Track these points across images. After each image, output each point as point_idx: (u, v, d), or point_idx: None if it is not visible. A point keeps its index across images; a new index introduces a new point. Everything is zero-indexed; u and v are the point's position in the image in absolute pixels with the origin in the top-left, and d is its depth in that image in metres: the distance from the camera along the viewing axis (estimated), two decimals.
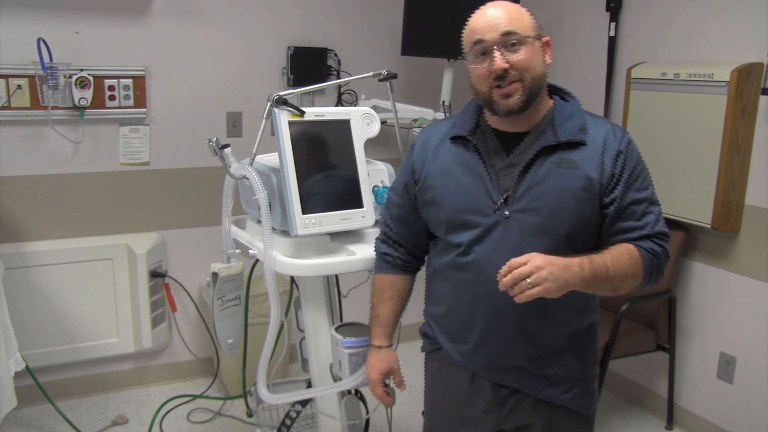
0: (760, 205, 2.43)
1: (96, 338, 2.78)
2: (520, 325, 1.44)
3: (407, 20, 2.93)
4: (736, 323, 2.56)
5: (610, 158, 1.39)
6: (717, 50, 2.51)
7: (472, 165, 1.44)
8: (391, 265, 1.63)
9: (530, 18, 1.40)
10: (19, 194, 2.64)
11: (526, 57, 1.36)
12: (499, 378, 1.50)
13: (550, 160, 1.39)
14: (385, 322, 1.64)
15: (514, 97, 1.37)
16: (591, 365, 1.54)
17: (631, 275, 1.37)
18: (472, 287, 1.45)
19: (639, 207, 1.40)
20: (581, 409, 1.52)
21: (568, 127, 1.41)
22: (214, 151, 1.63)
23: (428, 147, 1.53)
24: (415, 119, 2.90)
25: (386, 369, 1.65)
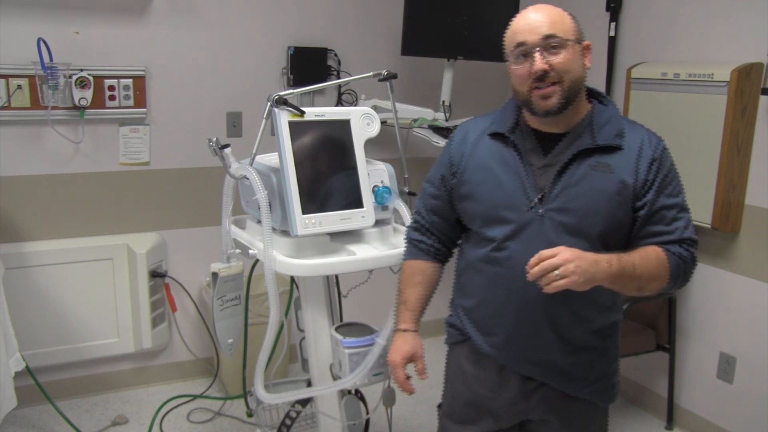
0: (760, 205, 2.43)
1: (96, 338, 2.78)
2: (551, 320, 1.47)
3: (407, 20, 2.93)
4: (736, 323, 2.56)
5: (645, 164, 1.43)
6: (717, 50, 2.51)
7: (510, 162, 1.48)
8: (422, 251, 1.65)
9: (571, 22, 1.44)
10: (19, 194, 2.64)
11: (565, 60, 1.40)
12: (527, 370, 1.53)
13: (587, 162, 1.43)
14: (413, 306, 1.64)
15: (553, 98, 1.40)
16: (612, 360, 1.58)
17: (658, 277, 1.41)
18: (505, 282, 1.49)
19: (669, 212, 1.43)
20: (602, 401, 1.58)
21: (605, 132, 1.45)
22: (214, 151, 1.63)
23: (467, 141, 1.57)
24: (415, 119, 2.90)
25: (410, 353, 1.62)
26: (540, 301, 1.44)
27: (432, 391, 3.05)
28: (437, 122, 2.94)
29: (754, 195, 2.45)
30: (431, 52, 3.00)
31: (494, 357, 1.56)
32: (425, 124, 2.92)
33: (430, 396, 3.02)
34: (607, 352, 1.56)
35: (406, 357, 1.61)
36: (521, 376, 1.54)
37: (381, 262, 1.70)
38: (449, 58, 3.00)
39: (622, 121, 1.48)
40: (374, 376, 1.74)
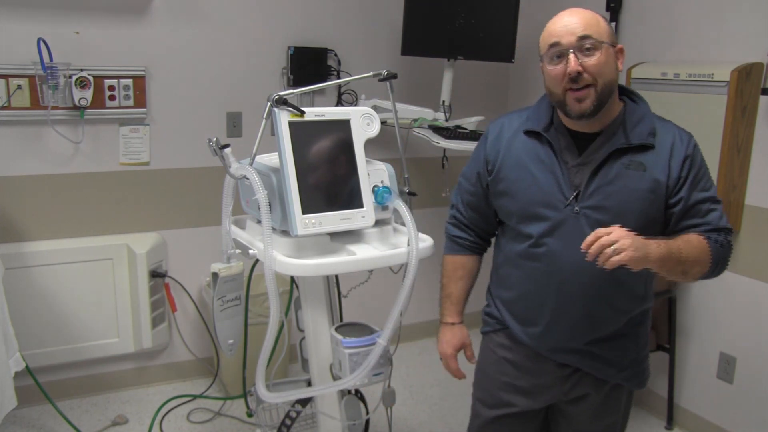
0: (760, 205, 2.43)
1: (96, 338, 2.78)
2: (587, 312, 1.55)
3: (407, 20, 2.93)
4: (736, 323, 2.56)
5: (678, 162, 1.47)
6: (717, 50, 2.51)
7: (546, 160, 1.53)
8: (462, 247, 1.75)
9: (606, 25, 1.48)
10: (19, 194, 2.64)
11: (599, 62, 1.43)
12: (563, 358, 1.62)
13: (621, 161, 1.48)
14: (457, 300, 1.75)
15: (587, 101, 1.44)
16: (643, 347, 1.66)
17: (700, 261, 1.45)
18: (543, 277, 1.56)
19: (703, 206, 1.49)
20: (634, 387, 1.68)
21: (638, 131, 1.49)
22: (214, 151, 1.63)
23: (502, 138, 1.62)
24: (415, 119, 2.90)
25: (460, 344, 1.74)
26: (579, 295, 1.53)
27: (432, 391, 3.06)
28: (437, 122, 2.94)
29: (754, 195, 2.45)
30: (431, 52, 3.00)
31: (532, 346, 1.65)
32: (425, 124, 2.92)
33: (429, 396, 3.03)
34: (638, 338, 1.63)
35: (456, 348, 1.75)
36: (557, 363, 1.63)
37: (381, 262, 1.70)
38: (449, 58, 3.00)
39: (653, 119, 1.53)
40: (374, 376, 1.74)
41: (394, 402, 1.91)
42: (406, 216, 1.66)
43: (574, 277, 1.52)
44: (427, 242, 1.70)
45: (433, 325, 3.61)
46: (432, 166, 3.36)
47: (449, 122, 2.98)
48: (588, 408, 1.67)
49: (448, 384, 3.15)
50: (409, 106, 2.92)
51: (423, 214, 3.35)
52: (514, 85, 3.57)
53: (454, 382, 3.12)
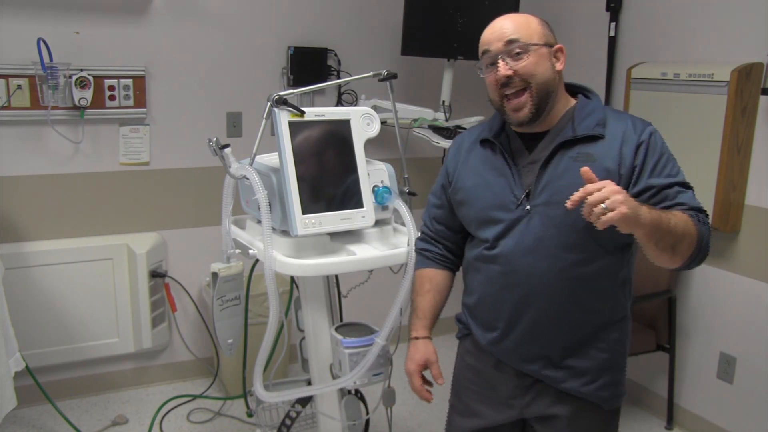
0: (760, 205, 2.43)
1: (96, 338, 2.78)
2: (546, 313, 1.48)
3: (407, 20, 2.93)
4: (736, 323, 2.56)
5: (630, 149, 1.42)
6: (717, 50, 2.51)
7: (498, 165, 1.52)
8: (429, 260, 1.69)
9: (539, 27, 1.45)
10: (19, 194, 2.64)
11: (529, 64, 1.42)
12: (522, 366, 1.54)
13: (569, 155, 1.44)
14: (423, 314, 1.67)
15: (524, 110, 1.44)
16: (617, 359, 1.55)
17: (688, 234, 1.36)
18: (499, 278, 1.51)
19: (671, 190, 1.41)
20: (603, 402, 1.53)
21: (586, 123, 1.46)
22: (214, 151, 1.63)
23: (461, 151, 1.61)
24: (415, 119, 2.90)
25: (423, 360, 1.64)
26: (534, 295, 1.46)
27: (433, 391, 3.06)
28: (437, 122, 2.94)
29: (754, 195, 2.45)
30: (431, 52, 3.00)
31: (492, 353, 1.58)
32: (425, 124, 2.92)
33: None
34: (612, 348, 1.53)
35: (420, 364, 1.63)
36: (517, 372, 1.55)
37: (381, 262, 1.70)
38: (449, 58, 3.00)
39: (605, 111, 1.49)
40: (374, 376, 1.74)
41: (394, 402, 1.91)
42: (406, 216, 1.66)
43: (530, 277, 1.47)
44: None
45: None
46: (432, 166, 3.36)
47: (449, 122, 2.98)
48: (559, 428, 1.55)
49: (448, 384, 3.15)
50: (409, 106, 2.92)
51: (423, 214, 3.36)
52: None
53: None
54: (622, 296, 1.54)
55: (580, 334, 1.50)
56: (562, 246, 1.44)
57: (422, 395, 1.64)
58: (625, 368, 1.59)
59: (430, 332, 1.66)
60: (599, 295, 1.49)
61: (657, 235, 1.30)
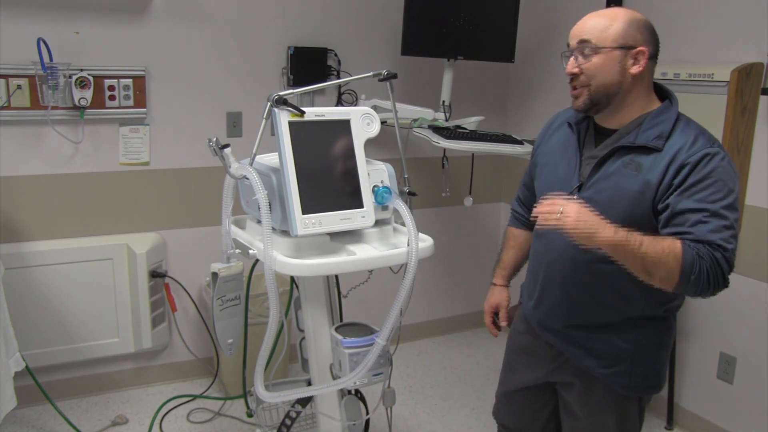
0: (760, 205, 2.43)
1: (96, 338, 2.78)
2: (567, 295, 1.65)
3: (407, 20, 2.93)
4: (736, 323, 2.56)
5: (675, 167, 1.46)
6: (717, 50, 2.51)
7: (570, 150, 1.66)
8: (517, 220, 1.95)
9: (620, 28, 1.50)
10: (19, 194, 2.64)
11: (593, 65, 1.51)
12: (546, 336, 1.74)
13: (623, 159, 1.53)
14: (504, 266, 1.94)
15: (579, 99, 1.57)
16: (644, 351, 1.63)
17: (665, 262, 1.38)
18: (540, 254, 1.73)
19: (694, 216, 1.42)
20: (620, 388, 1.65)
21: (649, 133, 1.51)
22: (214, 151, 1.63)
23: (551, 128, 1.78)
24: (415, 119, 2.90)
25: (496, 303, 1.92)
26: (559, 277, 1.64)
27: (432, 391, 3.07)
28: (437, 122, 2.94)
29: (754, 195, 2.45)
30: (431, 52, 3.00)
31: (528, 318, 1.80)
32: (425, 124, 2.92)
33: (429, 396, 3.03)
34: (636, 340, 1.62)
35: (493, 306, 1.92)
36: (545, 341, 1.75)
37: (381, 262, 1.70)
38: (449, 58, 3.00)
39: (675, 123, 1.52)
40: (374, 376, 1.74)
41: (394, 402, 1.91)
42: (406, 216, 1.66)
43: (559, 260, 1.64)
44: (427, 242, 1.70)
45: (433, 325, 3.62)
46: (432, 166, 3.36)
47: (449, 122, 2.98)
48: (576, 398, 1.72)
49: (448, 384, 3.15)
50: (409, 106, 2.92)
51: (423, 214, 3.36)
52: (514, 85, 3.57)
53: (453, 383, 3.14)
54: (652, 298, 1.58)
55: (598, 322, 1.63)
56: None
57: (490, 330, 1.94)
58: (657, 365, 1.66)
59: (507, 281, 1.94)
60: (617, 292, 1.58)
61: (621, 254, 1.40)
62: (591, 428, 1.71)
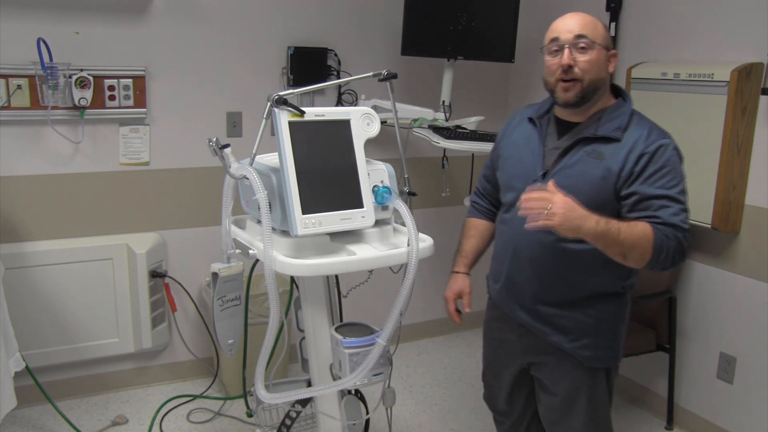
0: (760, 205, 2.43)
1: (96, 338, 2.78)
2: (536, 274, 1.75)
3: (407, 20, 2.93)
4: (736, 323, 2.56)
5: (634, 157, 1.61)
6: (717, 50, 2.51)
7: (532, 143, 1.78)
8: (477, 210, 2.03)
9: (603, 30, 1.67)
10: (19, 194, 2.64)
11: (590, 59, 1.63)
12: (518, 316, 1.83)
13: (585, 149, 1.67)
14: (465, 254, 2.00)
15: (571, 92, 1.65)
16: (605, 327, 1.78)
17: (640, 246, 1.55)
18: (506, 238, 1.83)
19: (657, 201, 1.59)
20: (585, 360, 1.78)
21: (609, 125, 1.67)
22: (214, 151, 1.63)
23: (512, 124, 1.89)
24: (415, 119, 2.90)
25: (458, 290, 1.96)
26: (528, 258, 1.75)
27: (432, 391, 3.07)
28: (437, 122, 2.94)
29: (754, 195, 2.45)
30: (431, 52, 3.00)
31: (496, 301, 1.92)
32: (425, 124, 2.92)
33: (430, 396, 3.03)
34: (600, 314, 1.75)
35: (455, 293, 1.97)
36: (516, 322, 1.85)
37: (381, 262, 1.70)
38: (449, 58, 3.00)
39: (629, 117, 1.68)
40: (374, 376, 1.74)
41: (394, 402, 1.91)
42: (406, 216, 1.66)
43: (526, 241, 1.74)
44: (427, 242, 1.70)
45: (433, 325, 3.62)
46: (432, 166, 3.36)
47: (449, 122, 2.98)
48: (549, 375, 1.83)
49: (448, 384, 3.15)
50: (409, 106, 2.92)
51: (423, 214, 3.36)
52: (514, 85, 3.57)
53: (453, 383, 3.14)
54: (613, 275, 1.73)
55: (565, 299, 1.75)
56: None
57: (453, 318, 1.98)
58: (617, 338, 1.81)
59: (468, 269, 1.99)
60: (585, 270, 1.71)
61: (602, 242, 1.54)
62: (564, 401, 1.83)
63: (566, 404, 1.83)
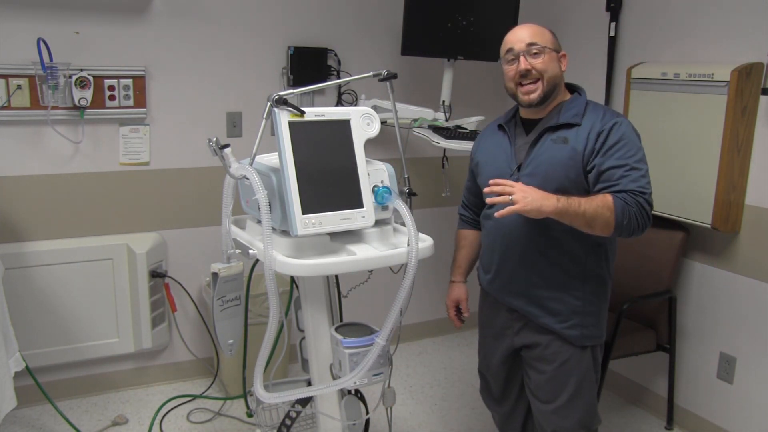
0: (760, 205, 2.43)
1: (96, 338, 2.78)
2: (524, 260, 1.90)
3: (407, 20, 2.93)
4: (736, 323, 2.56)
5: (594, 135, 1.80)
6: (717, 50, 2.51)
7: (503, 144, 1.97)
8: (465, 222, 2.21)
9: (550, 36, 1.88)
10: (19, 194, 2.64)
11: (543, 62, 1.84)
12: (508, 301, 1.98)
13: (551, 137, 1.85)
14: (459, 264, 2.18)
15: (534, 93, 1.85)
16: (589, 308, 1.92)
17: (601, 215, 1.70)
18: (492, 231, 1.97)
19: (617, 171, 1.75)
20: (574, 339, 1.91)
21: (568, 113, 1.86)
22: (214, 151, 1.63)
23: (484, 135, 2.08)
24: (415, 119, 2.90)
25: (456, 298, 2.16)
26: (516, 245, 1.89)
27: (432, 391, 3.07)
28: (437, 122, 2.94)
29: (754, 195, 2.45)
30: (431, 52, 3.00)
31: (488, 291, 2.06)
32: (425, 124, 2.92)
33: (430, 396, 3.03)
34: (584, 294, 1.90)
35: (454, 301, 2.17)
36: (507, 308, 1.99)
37: (381, 262, 1.70)
38: (449, 58, 3.00)
39: (586, 105, 1.87)
40: (374, 376, 1.74)
41: (394, 402, 1.91)
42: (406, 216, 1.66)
43: (512, 231, 1.89)
44: (427, 242, 1.70)
45: (433, 325, 3.62)
46: (432, 166, 3.36)
47: (449, 122, 2.98)
48: (539, 355, 1.95)
49: (448, 384, 3.15)
50: (409, 106, 2.92)
51: (423, 214, 3.36)
52: None
53: (453, 383, 3.14)
54: (595, 257, 1.89)
55: (553, 282, 1.89)
56: None
57: (454, 322, 2.19)
58: (600, 317, 1.95)
59: (464, 278, 2.17)
60: (568, 253, 1.87)
61: (567, 217, 1.69)
62: (553, 378, 1.94)
63: (555, 381, 1.94)
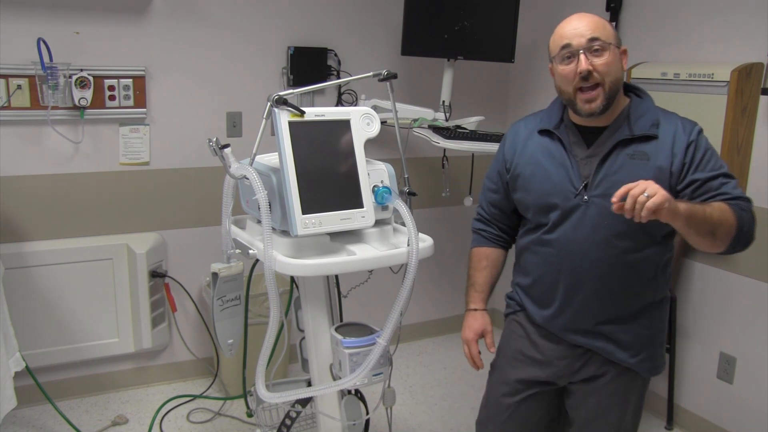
0: (760, 205, 2.43)
1: (96, 338, 2.78)
2: (597, 293, 1.66)
3: (407, 20, 2.93)
4: (736, 323, 2.56)
5: (681, 148, 1.56)
6: (717, 50, 2.51)
7: (557, 155, 1.67)
8: (486, 239, 1.89)
9: (611, 28, 1.61)
10: (19, 194, 2.64)
11: (607, 61, 1.55)
12: (575, 339, 1.72)
13: (625, 152, 1.59)
14: (481, 288, 1.86)
15: (596, 101, 1.57)
16: (657, 332, 1.74)
17: (726, 220, 1.49)
18: (555, 260, 1.69)
19: (715, 182, 1.55)
20: (644, 372, 1.73)
21: (642, 123, 1.60)
22: (214, 151, 1.63)
23: (518, 139, 1.77)
24: (415, 119, 2.90)
25: (481, 329, 1.83)
26: (589, 276, 1.64)
27: (432, 391, 3.07)
28: (437, 122, 2.94)
29: (754, 195, 2.45)
30: (431, 52, 3.00)
31: (547, 327, 1.76)
32: (425, 124, 2.92)
33: (430, 396, 3.03)
34: (653, 323, 1.71)
35: (477, 333, 1.83)
36: (569, 344, 1.74)
37: (381, 262, 1.70)
38: (449, 58, 3.00)
39: (657, 112, 1.63)
40: (374, 376, 1.74)
41: (394, 402, 1.91)
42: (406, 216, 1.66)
43: (584, 260, 1.63)
44: (427, 242, 1.70)
45: (433, 325, 3.62)
46: (432, 166, 3.36)
47: (449, 122, 2.98)
48: (598, 389, 1.73)
49: (448, 384, 3.15)
50: (409, 106, 2.92)
51: (423, 214, 3.37)
52: (514, 85, 3.57)
53: (453, 383, 3.14)
54: (662, 279, 1.70)
55: (626, 312, 1.67)
56: (616, 234, 1.59)
57: (476, 362, 1.83)
58: (664, 343, 1.77)
59: (485, 304, 1.85)
60: (644, 279, 1.66)
61: (694, 222, 1.44)
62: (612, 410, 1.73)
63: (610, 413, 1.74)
